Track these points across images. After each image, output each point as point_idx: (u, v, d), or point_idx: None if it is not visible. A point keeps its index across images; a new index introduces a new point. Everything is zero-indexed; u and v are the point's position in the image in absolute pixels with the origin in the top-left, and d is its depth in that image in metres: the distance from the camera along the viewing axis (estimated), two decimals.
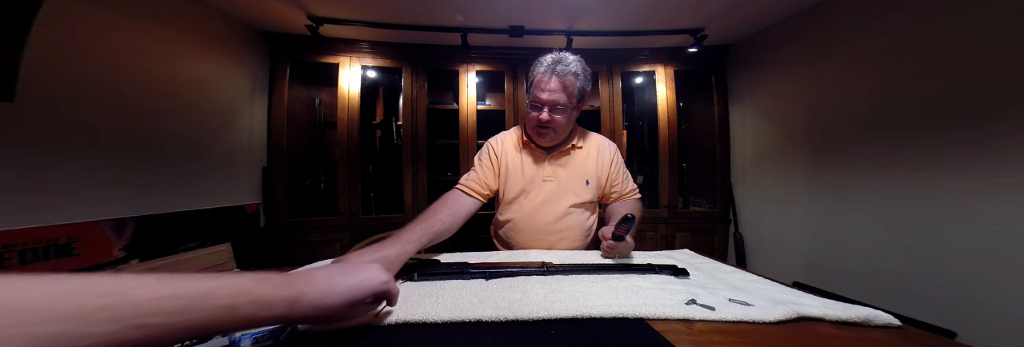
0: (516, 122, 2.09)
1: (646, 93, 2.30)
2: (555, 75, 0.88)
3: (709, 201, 2.22)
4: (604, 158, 1.05)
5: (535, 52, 2.07)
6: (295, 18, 1.71)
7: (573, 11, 1.68)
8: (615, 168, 1.05)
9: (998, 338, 1.04)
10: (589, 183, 1.02)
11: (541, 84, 0.89)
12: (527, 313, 0.48)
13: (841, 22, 1.50)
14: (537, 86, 0.90)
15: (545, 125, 0.93)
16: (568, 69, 0.88)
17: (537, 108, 0.92)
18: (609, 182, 1.05)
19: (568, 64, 0.89)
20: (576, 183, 1.02)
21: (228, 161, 1.70)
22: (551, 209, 1.00)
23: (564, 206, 1.01)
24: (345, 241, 1.95)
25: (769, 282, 0.65)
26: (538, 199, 1.01)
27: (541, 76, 0.89)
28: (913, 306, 1.24)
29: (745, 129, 2.07)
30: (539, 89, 0.89)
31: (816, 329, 0.46)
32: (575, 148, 1.03)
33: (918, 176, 1.26)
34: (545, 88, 0.89)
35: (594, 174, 1.03)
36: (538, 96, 0.90)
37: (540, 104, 0.91)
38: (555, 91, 0.89)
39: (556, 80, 0.88)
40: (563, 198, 1.01)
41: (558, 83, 0.88)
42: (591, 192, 1.03)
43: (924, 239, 1.24)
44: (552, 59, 0.90)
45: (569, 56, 0.91)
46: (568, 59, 0.90)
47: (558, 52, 0.92)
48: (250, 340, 0.42)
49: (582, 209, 1.04)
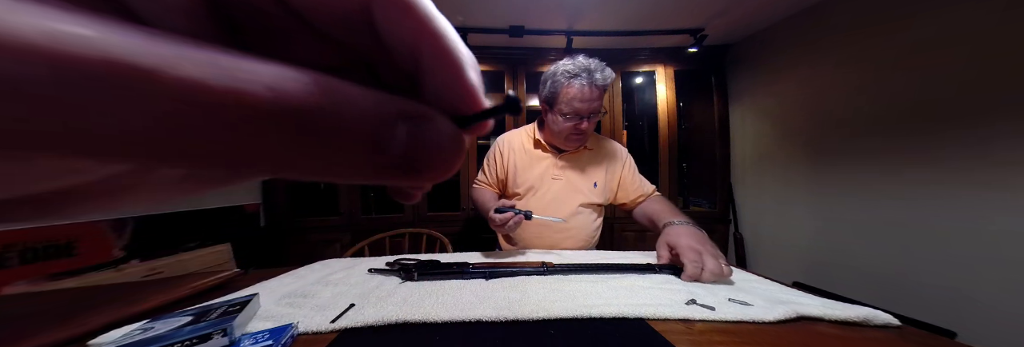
0: (516, 122, 2.09)
1: (646, 93, 2.30)
2: (595, 85, 0.87)
3: (709, 201, 2.22)
4: (616, 163, 1.05)
5: (535, 52, 2.11)
6: None
7: (573, 11, 1.68)
8: (631, 173, 1.06)
9: (998, 338, 1.04)
10: (597, 185, 1.03)
11: (581, 95, 0.87)
12: (527, 313, 0.48)
13: (841, 22, 1.50)
14: (576, 98, 0.88)
15: (584, 132, 0.94)
16: (606, 75, 0.87)
17: (576, 118, 0.91)
18: (621, 187, 1.05)
19: (603, 71, 0.87)
20: (584, 183, 1.03)
21: None
22: (559, 207, 1.01)
23: (573, 205, 1.02)
24: (345, 241, 1.95)
25: (769, 282, 0.65)
26: (547, 197, 1.02)
27: (579, 88, 0.87)
28: (913, 306, 1.24)
29: (745, 129, 2.07)
30: (579, 100, 0.88)
31: (816, 329, 0.46)
32: (586, 149, 1.04)
33: (918, 176, 1.26)
34: (586, 99, 0.87)
35: (603, 177, 1.04)
36: (578, 108, 0.88)
37: (582, 115, 0.90)
38: (594, 100, 0.88)
39: (597, 90, 0.88)
40: (572, 197, 1.02)
41: (598, 92, 0.88)
42: (599, 194, 1.03)
43: (924, 239, 1.24)
44: (580, 67, 0.87)
45: (594, 62, 0.88)
46: (599, 66, 0.88)
47: (572, 58, 0.90)
48: (251, 340, 0.42)
49: (590, 210, 1.05)
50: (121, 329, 0.46)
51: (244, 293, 0.61)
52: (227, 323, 0.42)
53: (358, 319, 0.47)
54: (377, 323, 0.47)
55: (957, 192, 1.16)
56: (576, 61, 0.89)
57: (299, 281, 0.69)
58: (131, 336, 0.42)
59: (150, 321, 0.46)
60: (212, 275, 0.70)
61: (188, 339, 0.40)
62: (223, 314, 0.46)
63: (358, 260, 0.85)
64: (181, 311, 0.49)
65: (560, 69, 0.90)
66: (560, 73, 0.89)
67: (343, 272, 0.72)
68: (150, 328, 0.44)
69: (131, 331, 0.43)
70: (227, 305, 0.49)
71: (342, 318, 0.49)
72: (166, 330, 0.42)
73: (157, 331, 0.42)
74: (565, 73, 0.88)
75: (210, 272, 0.72)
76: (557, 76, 0.90)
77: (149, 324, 0.45)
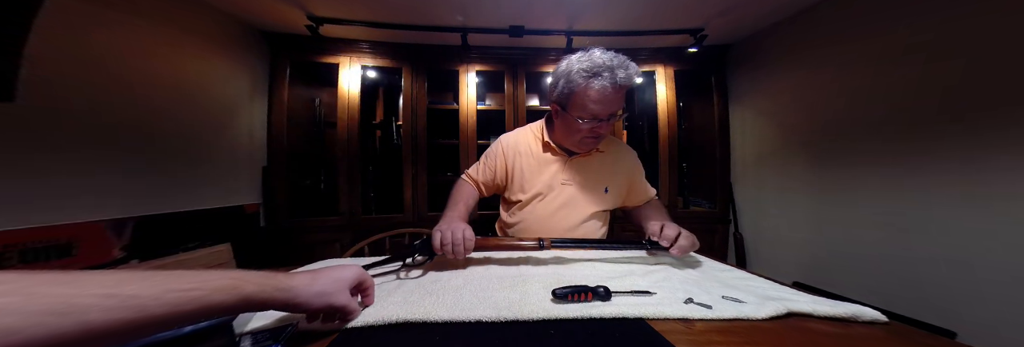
0: (516, 122, 2.09)
1: (646, 93, 2.30)
2: (618, 85, 0.77)
3: (709, 201, 2.22)
4: (626, 166, 1.00)
5: (535, 52, 2.11)
6: (295, 18, 1.71)
7: (573, 11, 1.68)
8: (640, 178, 1.02)
9: (998, 338, 1.05)
10: (608, 191, 0.97)
11: (602, 97, 0.78)
12: (527, 313, 0.48)
13: (841, 23, 1.51)
14: (596, 100, 0.79)
15: (601, 136, 0.88)
16: (630, 73, 0.78)
17: (594, 121, 0.83)
18: (632, 189, 1.01)
19: (627, 68, 0.78)
20: (595, 189, 0.96)
21: (228, 161, 1.70)
22: (568, 214, 0.95)
23: (583, 212, 0.95)
24: (345, 241, 1.95)
25: (761, 279, 0.66)
26: (555, 203, 0.95)
27: (600, 90, 0.77)
28: (913, 306, 1.24)
29: (745, 129, 2.07)
30: (597, 102, 0.79)
31: (816, 330, 0.46)
32: (598, 152, 0.97)
33: (918, 176, 1.26)
34: (606, 100, 0.79)
35: (614, 182, 0.98)
36: (597, 110, 0.80)
37: (601, 117, 0.82)
38: (616, 102, 0.80)
39: (619, 90, 0.79)
40: (582, 204, 0.95)
41: (621, 93, 0.80)
42: (610, 200, 0.98)
43: (924, 239, 1.24)
44: (600, 65, 0.77)
45: (615, 57, 0.79)
46: (622, 62, 0.79)
47: (587, 52, 0.81)
48: (251, 340, 0.42)
49: (598, 216, 0.98)
50: None
51: None
52: (227, 323, 0.42)
53: (358, 319, 0.48)
54: (377, 323, 0.47)
55: (957, 192, 1.16)
56: (593, 57, 0.78)
57: None
58: None
59: None
60: None
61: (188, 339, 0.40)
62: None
63: (358, 260, 0.85)
64: None
65: (574, 67, 0.80)
66: (575, 72, 0.79)
67: None
68: None
69: None
70: None
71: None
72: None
73: None
74: (581, 72, 0.78)
75: None
76: (572, 75, 0.80)
77: None
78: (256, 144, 1.86)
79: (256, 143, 1.86)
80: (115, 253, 1.20)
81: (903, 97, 1.29)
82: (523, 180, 0.96)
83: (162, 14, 1.38)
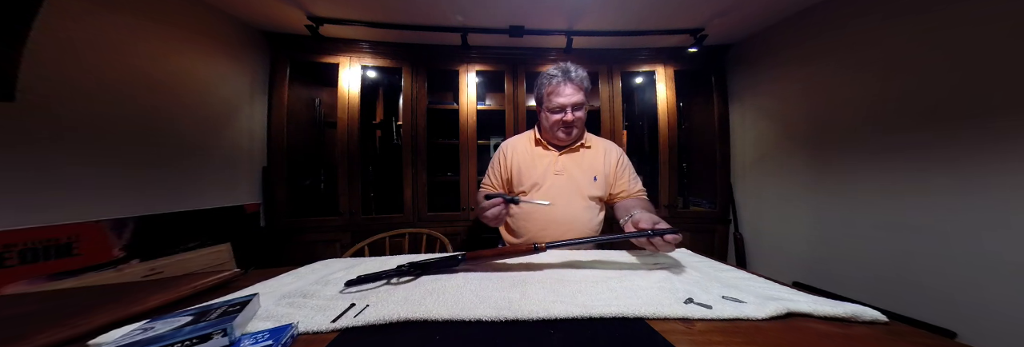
0: (516, 122, 2.10)
1: (646, 93, 2.30)
2: (570, 81, 1.04)
3: (709, 201, 2.22)
4: (611, 158, 1.16)
5: (535, 52, 2.11)
6: (295, 18, 1.71)
7: (573, 11, 1.68)
8: (621, 168, 1.16)
9: (998, 338, 1.05)
10: (597, 179, 1.12)
11: (560, 91, 1.04)
12: (527, 313, 0.48)
13: (841, 23, 1.50)
14: (556, 94, 1.05)
15: (570, 124, 1.07)
16: (579, 74, 1.05)
17: (560, 111, 1.06)
18: (615, 180, 1.14)
19: (577, 71, 1.05)
20: (585, 178, 1.12)
21: (228, 161, 1.70)
22: (564, 200, 1.08)
23: (575, 199, 1.10)
24: (345, 241, 1.95)
25: (761, 279, 0.66)
26: (551, 191, 1.10)
27: (556, 86, 1.04)
28: (914, 306, 1.24)
29: (745, 129, 2.07)
30: (558, 95, 1.04)
31: (815, 329, 0.46)
32: (584, 147, 1.16)
33: (919, 176, 1.26)
34: (564, 93, 1.04)
35: (602, 172, 1.13)
36: (559, 102, 1.04)
37: (562, 107, 1.05)
38: (573, 94, 1.04)
39: (572, 85, 1.04)
40: (574, 191, 1.10)
41: (574, 87, 1.04)
42: (599, 188, 1.12)
43: (925, 239, 1.24)
44: (559, 69, 1.06)
45: (571, 65, 1.07)
46: (575, 67, 1.06)
47: (557, 64, 1.08)
48: (251, 340, 0.42)
49: (593, 203, 1.12)
50: (121, 329, 0.46)
51: (244, 293, 0.61)
52: (227, 323, 0.42)
53: (358, 318, 0.48)
54: (377, 322, 0.47)
55: (957, 192, 1.16)
56: (558, 65, 1.07)
57: (299, 281, 0.69)
58: (131, 336, 0.42)
59: (150, 321, 0.46)
60: (212, 275, 0.70)
61: (188, 339, 0.40)
62: (223, 314, 0.46)
63: (358, 260, 0.86)
64: (181, 311, 0.50)
65: (544, 74, 1.09)
66: (543, 76, 1.09)
67: (343, 272, 0.72)
68: (150, 328, 0.44)
69: (131, 331, 0.43)
70: (227, 305, 0.49)
71: (342, 318, 0.49)
72: (166, 330, 0.42)
73: (157, 331, 0.42)
74: (546, 75, 1.08)
75: (210, 272, 0.72)
76: (541, 79, 1.09)
77: (149, 324, 0.45)
78: (256, 144, 1.86)
79: (256, 143, 1.86)
80: (115, 253, 1.20)
81: (904, 97, 1.29)
82: (521, 173, 1.14)
83: (162, 14, 1.38)
